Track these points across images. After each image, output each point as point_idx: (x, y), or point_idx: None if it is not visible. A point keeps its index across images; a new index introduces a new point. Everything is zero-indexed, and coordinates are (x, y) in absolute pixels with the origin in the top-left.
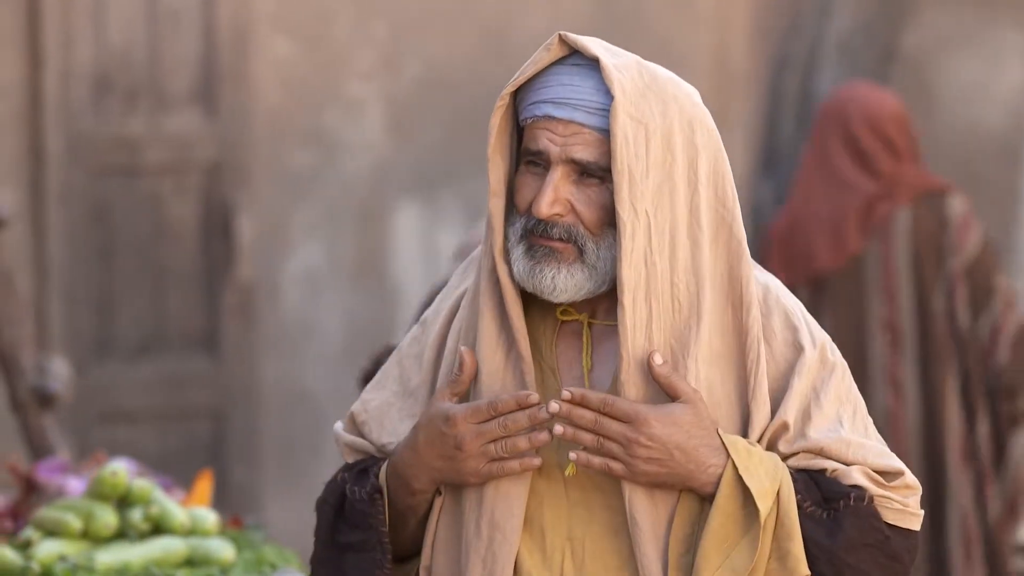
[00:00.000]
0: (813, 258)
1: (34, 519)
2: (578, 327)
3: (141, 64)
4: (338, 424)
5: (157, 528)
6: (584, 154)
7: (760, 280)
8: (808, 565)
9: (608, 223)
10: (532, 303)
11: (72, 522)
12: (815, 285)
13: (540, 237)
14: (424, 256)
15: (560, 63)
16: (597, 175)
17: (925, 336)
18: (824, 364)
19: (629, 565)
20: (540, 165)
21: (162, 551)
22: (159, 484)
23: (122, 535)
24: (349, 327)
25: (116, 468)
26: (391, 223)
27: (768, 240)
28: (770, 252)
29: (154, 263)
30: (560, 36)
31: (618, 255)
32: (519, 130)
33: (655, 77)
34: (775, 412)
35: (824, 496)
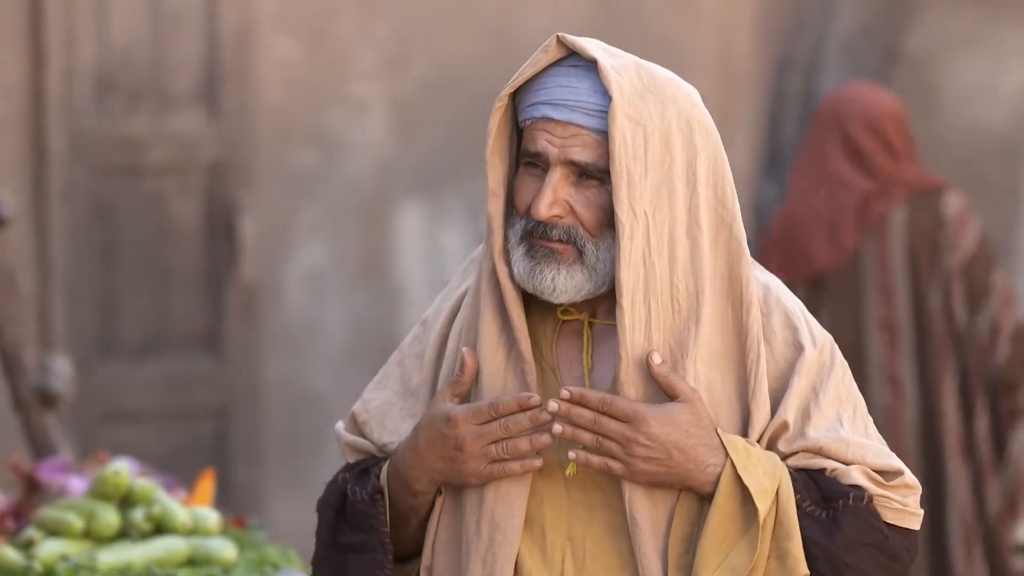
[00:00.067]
0: (810, 258)
1: (36, 519)
2: (579, 327)
3: (144, 63)
4: (339, 424)
5: (159, 528)
6: (582, 156)
7: (760, 280)
8: (807, 565)
9: (607, 224)
10: (533, 303)
11: (74, 522)
12: (813, 284)
13: (540, 238)
14: (428, 256)
15: (558, 64)
16: (596, 176)
17: (922, 334)
18: (824, 364)
19: (630, 565)
20: (539, 166)
21: (164, 551)
22: (161, 484)
23: (124, 535)
24: (352, 327)
25: (118, 468)
26: (395, 223)
27: (765, 240)
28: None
29: (157, 263)
30: (558, 37)
31: (617, 256)
32: (519, 131)
33: (654, 78)
34: (775, 412)
35: (823, 495)
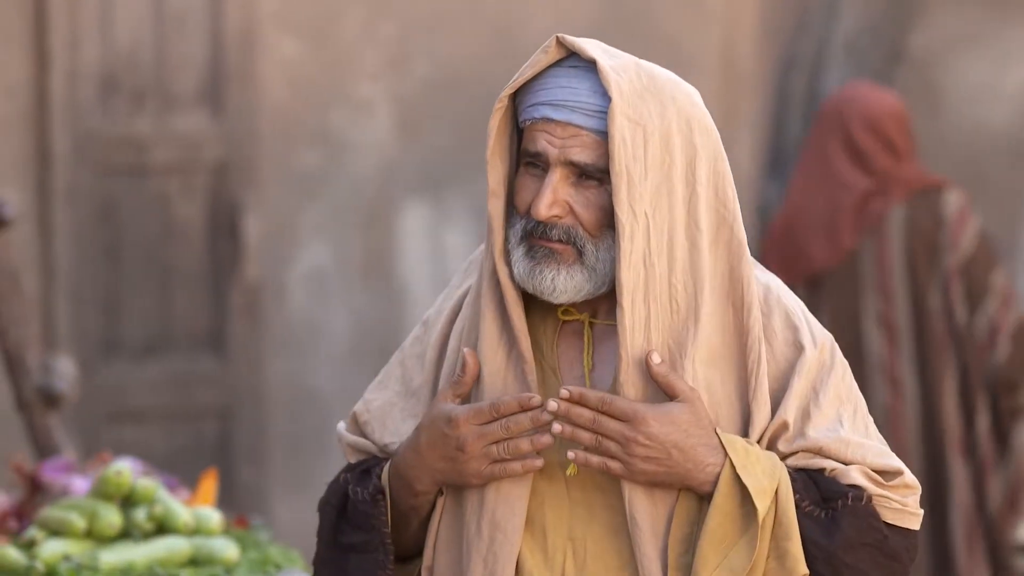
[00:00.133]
0: (809, 257)
1: (38, 519)
2: (579, 327)
3: (148, 64)
4: (341, 424)
5: (161, 528)
6: (582, 156)
7: (761, 280)
8: (806, 564)
9: (607, 225)
10: (533, 303)
11: (76, 522)
12: (812, 284)
13: (540, 239)
14: (431, 256)
15: (558, 65)
16: (596, 177)
17: (922, 333)
18: (824, 363)
19: (630, 565)
20: (539, 167)
21: (166, 551)
22: (164, 483)
23: (126, 535)
24: (356, 327)
25: (120, 467)
26: (398, 223)
27: (765, 239)
28: (767, 252)
29: (161, 263)
30: (558, 38)
31: (617, 257)
32: (519, 132)
33: (653, 78)
34: (775, 412)
35: (823, 495)
